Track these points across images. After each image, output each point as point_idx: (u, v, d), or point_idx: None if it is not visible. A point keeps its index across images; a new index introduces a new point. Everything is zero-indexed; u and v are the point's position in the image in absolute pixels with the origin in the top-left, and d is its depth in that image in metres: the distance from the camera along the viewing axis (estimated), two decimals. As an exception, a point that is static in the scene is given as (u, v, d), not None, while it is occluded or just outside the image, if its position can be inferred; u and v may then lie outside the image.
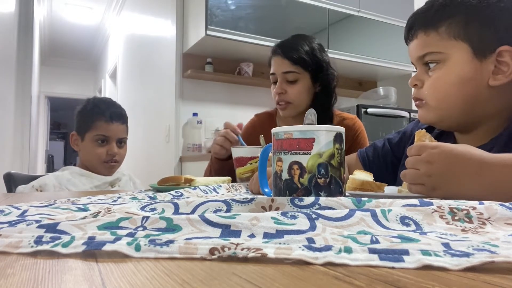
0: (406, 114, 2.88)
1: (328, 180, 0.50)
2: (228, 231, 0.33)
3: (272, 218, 0.35)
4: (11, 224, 0.38)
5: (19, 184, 1.26)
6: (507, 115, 0.73)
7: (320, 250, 0.27)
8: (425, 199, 0.42)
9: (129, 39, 4.69)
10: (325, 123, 1.27)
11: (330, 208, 0.42)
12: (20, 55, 3.64)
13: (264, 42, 2.56)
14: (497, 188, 0.50)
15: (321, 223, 0.35)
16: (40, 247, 0.30)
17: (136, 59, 4.28)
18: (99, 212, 0.43)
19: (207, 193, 0.72)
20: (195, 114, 2.74)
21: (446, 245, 0.28)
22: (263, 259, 0.27)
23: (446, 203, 0.40)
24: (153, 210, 0.45)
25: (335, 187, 0.51)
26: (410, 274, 0.24)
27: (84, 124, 1.34)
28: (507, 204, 0.38)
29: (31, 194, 1.02)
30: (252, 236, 0.32)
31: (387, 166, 0.97)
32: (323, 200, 0.43)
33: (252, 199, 0.46)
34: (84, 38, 6.50)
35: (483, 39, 0.70)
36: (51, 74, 7.41)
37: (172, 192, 0.67)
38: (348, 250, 0.27)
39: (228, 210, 0.44)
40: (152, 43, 3.52)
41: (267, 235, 0.32)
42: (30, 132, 4.00)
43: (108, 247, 0.29)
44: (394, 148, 0.97)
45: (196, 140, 2.74)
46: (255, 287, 0.22)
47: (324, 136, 0.50)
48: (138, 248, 0.29)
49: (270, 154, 0.61)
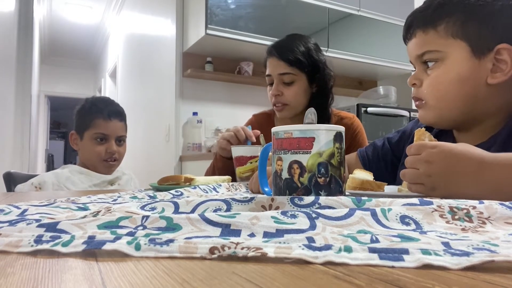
0: (406, 113, 2.87)
1: (328, 179, 0.50)
2: (228, 230, 0.33)
3: (272, 217, 0.35)
4: (11, 223, 0.38)
5: (19, 183, 1.26)
6: (506, 113, 0.73)
7: (320, 249, 0.27)
8: (425, 199, 0.42)
9: (129, 38, 4.68)
10: (322, 124, 1.27)
11: (330, 207, 0.42)
12: (20, 54, 3.64)
13: (264, 41, 2.55)
14: (496, 188, 0.50)
15: (321, 222, 0.35)
16: (40, 246, 0.30)
17: (136, 58, 4.27)
18: (99, 211, 0.43)
19: (207, 192, 0.72)
20: (195, 114, 2.74)
21: (446, 244, 0.28)
22: (263, 258, 0.27)
23: (446, 202, 0.40)
24: (153, 209, 0.45)
25: (335, 186, 0.51)
26: (410, 273, 0.24)
27: (83, 123, 1.35)
28: (507, 203, 0.38)
29: (31, 193, 1.02)
30: (252, 235, 0.32)
31: (387, 165, 0.97)
32: (323, 199, 0.43)
33: (252, 199, 0.46)
34: (84, 38, 6.50)
35: (481, 37, 0.70)
36: (51, 73, 7.41)
37: (172, 191, 0.67)
38: (348, 249, 0.27)
39: (228, 209, 0.44)
40: (152, 42, 3.52)
41: (267, 234, 0.32)
42: (30, 131, 4.00)
43: (108, 246, 0.29)
44: (394, 147, 0.97)
45: (196, 139, 2.74)
46: (255, 286, 0.22)
47: (324, 135, 0.50)
48: (138, 247, 0.29)
49: (270, 154, 0.61)
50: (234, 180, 1.03)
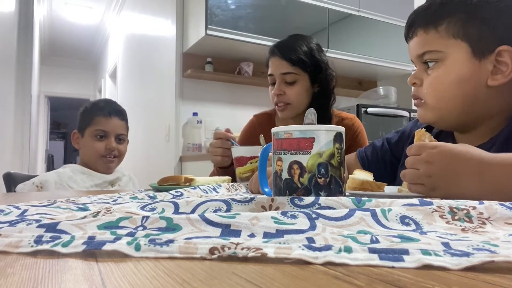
0: (406, 113, 2.87)
1: (328, 180, 0.50)
2: (228, 230, 0.33)
3: (272, 217, 0.35)
4: (11, 223, 0.38)
5: (19, 184, 1.26)
6: (506, 115, 0.73)
7: (320, 249, 0.27)
8: (425, 199, 0.42)
9: (129, 38, 4.69)
10: (324, 124, 1.27)
11: (330, 207, 0.42)
12: (20, 54, 3.64)
13: (264, 41, 2.56)
14: (496, 188, 0.50)
15: (321, 223, 0.35)
16: (40, 247, 0.30)
17: (136, 59, 4.27)
18: (99, 212, 0.43)
19: (207, 192, 0.72)
20: (195, 114, 2.74)
21: (446, 244, 0.28)
22: (263, 259, 0.27)
23: (446, 203, 0.40)
24: (153, 209, 0.45)
25: (335, 187, 0.51)
26: (410, 274, 0.24)
27: (84, 122, 1.38)
28: (507, 203, 0.38)
29: (31, 194, 1.02)
30: (252, 235, 0.32)
31: (386, 165, 0.97)
32: (323, 199, 0.43)
33: (252, 199, 0.46)
34: (84, 38, 6.50)
35: (482, 38, 0.70)
36: (51, 73, 7.40)
37: (172, 191, 0.67)
38: (348, 250, 0.27)
39: (228, 210, 0.44)
40: (152, 42, 3.52)
41: (267, 235, 0.32)
42: (30, 131, 3.99)
43: (108, 247, 0.29)
44: (393, 147, 0.97)
45: (196, 139, 2.74)
46: (255, 287, 0.22)
47: (324, 136, 0.50)
48: (138, 247, 0.29)
49: (270, 154, 0.61)
50: (234, 180, 1.03)
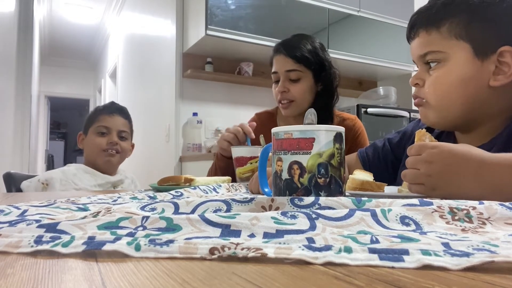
0: (406, 114, 2.87)
1: (328, 180, 0.50)
2: (228, 231, 0.33)
3: (272, 218, 0.35)
4: (11, 223, 0.38)
5: (19, 184, 1.26)
6: (507, 115, 0.72)
7: (320, 250, 0.27)
8: (425, 199, 0.42)
9: (129, 39, 4.69)
10: (326, 123, 1.27)
11: (330, 208, 0.42)
12: (20, 54, 3.64)
13: (264, 42, 2.56)
14: (496, 188, 0.50)
15: (321, 223, 0.35)
16: (40, 247, 0.30)
17: (136, 59, 4.27)
18: (99, 212, 0.43)
19: (207, 193, 0.72)
20: (195, 114, 2.74)
21: (446, 245, 0.28)
22: (263, 259, 0.27)
23: (446, 203, 0.40)
24: (153, 210, 0.45)
25: (335, 187, 0.51)
26: (410, 274, 0.24)
27: (88, 122, 1.43)
28: (507, 204, 0.38)
29: (31, 194, 1.02)
30: (252, 236, 0.32)
31: (387, 166, 0.97)
32: (323, 200, 0.43)
33: (252, 199, 0.46)
34: (84, 38, 6.50)
35: (484, 39, 0.70)
36: (51, 74, 7.40)
37: (172, 192, 0.67)
38: (348, 250, 0.27)
39: (228, 210, 0.44)
40: (152, 43, 3.52)
41: (267, 235, 0.32)
42: (30, 132, 3.99)
43: (108, 247, 0.29)
44: (394, 148, 0.97)
45: (196, 140, 2.74)
46: (255, 287, 0.22)
47: (324, 136, 0.50)
48: (138, 248, 0.29)
49: (270, 154, 0.61)
50: (234, 180, 1.03)
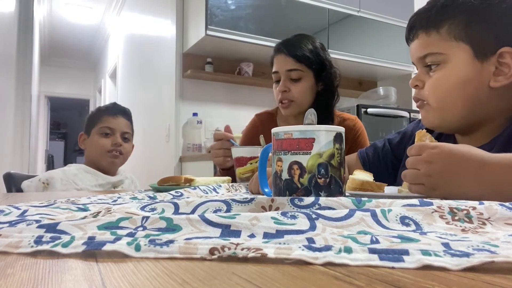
0: (406, 114, 2.87)
1: (328, 180, 0.50)
2: (228, 231, 0.33)
3: (272, 218, 0.35)
4: (11, 224, 0.38)
5: (19, 184, 1.26)
6: (507, 116, 0.72)
7: (320, 250, 0.27)
8: (425, 199, 0.42)
9: (129, 39, 4.69)
10: (327, 123, 1.27)
11: (330, 208, 0.42)
12: (20, 55, 3.64)
13: (264, 42, 2.56)
14: (496, 188, 0.50)
15: (321, 223, 0.35)
16: (40, 247, 0.30)
17: (136, 59, 4.27)
18: (99, 212, 0.43)
19: (207, 193, 0.72)
20: (195, 114, 2.74)
21: (446, 245, 0.28)
22: (263, 259, 0.27)
23: (446, 203, 0.40)
24: (153, 210, 0.45)
25: (335, 187, 0.51)
26: (410, 274, 0.24)
27: (91, 122, 1.42)
28: (507, 204, 0.38)
29: (31, 194, 1.02)
30: (252, 236, 0.32)
31: (387, 166, 0.97)
32: (323, 200, 0.43)
33: (252, 199, 0.46)
34: (84, 38, 6.50)
35: (484, 40, 0.69)
36: (51, 74, 7.40)
37: (172, 192, 0.67)
38: (348, 250, 0.27)
39: (228, 210, 0.44)
40: (152, 43, 3.52)
41: (267, 235, 0.32)
42: (30, 132, 3.99)
43: (108, 247, 0.29)
44: (395, 148, 0.97)
45: (196, 140, 2.74)
46: (255, 287, 0.22)
47: (324, 136, 0.50)
48: (138, 248, 0.29)
49: (270, 154, 0.61)
50: (234, 180, 1.03)
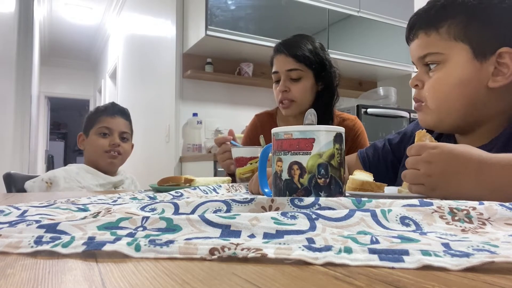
0: (406, 114, 2.88)
1: (328, 180, 0.50)
2: (228, 231, 0.33)
3: (272, 218, 0.35)
4: (11, 224, 0.38)
5: (19, 184, 1.26)
6: (506, 116, 0.72)
7: (320, 250, 0.27)
8: (425, 199, 0.42)
9: (129, 39, 4.69)
10: (326, 123, 1.27)
11: (330, 208, 0.42)
12: (20, 55, 3.64)
13: (264, 42, 2.56)
14: (496, 188, 0.50)
15: (321, 223, 0.35)
16: (40, 247, 0.30)
17: (136, 59, 4.27)
18: (99, 212, 0.43)
19: (207, 193, 0.72)
20: (195, 114, 2.74)
21: (446, 245, 0.28)
22: (263, 259, 0.27)
23: (446, 203, 0.40)
24: (153, 210, 0.45)
25: (335, 187, 0.51)
26: (410, 274, 0.24)
27: (89, 123, 1.42)
28: (507, 204, 0.38)
29: (31, 194, 1.02)
30: (252, 236, 0.32)
31: (387, 166, 0.97)
32: (323, 200, 0.43)
33: (252, 199, 0.46)
34: (84, 38, 6.50)
35: (483, 40, 0.70)
36: (51, 74, 7.40)
37: (172, 192, 0.67)
38: (348, 250, 0.27)
39: (228, 210, 0.44)
40: (152, 43, 3.52)
41: (267, 235, 0.32)
42: (30, 132, 3.99)
43: (108, 247, 0.29)
44: (394, 148, 0.97)
45: (196, 140, 2.74)
46: (255, 287, 0.22)
47: (324, 136, 0.50)
48: (138, 248, 0.29)
49: (270, 154, 0.61)
50: (234, 181, 1.03)
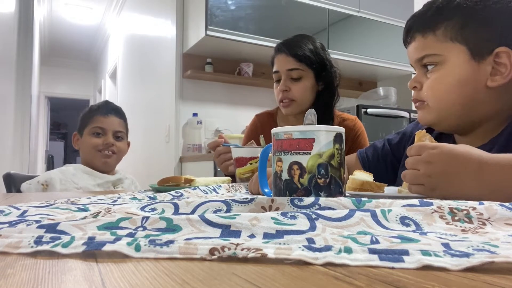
0: (406, 114, 2.88)
1: (328, 181, 0.50)
2: (228, 231, 0.33)
3: (272, 218, 0.35)
4: (11, 224, 0.38)
5: (19, 184, 1.26)
6: (505, 116, 0.73)
7: (320, 250, 0.27)
8: (425, 200, 0.42)
9: (129, 39, 4.69)
10: (327, 122, 1.27)
11: (330, 208, 0.42)
12: (20, 55, 3.64)
13: (264, 42, 2.56)
14: (496, 188, 0.50)
15: (321, 223, 0.35)
16: (40, 247, 0.30)
17: (136, 59, 4.27)
18: (99, 212, 0.43)
19: (207, 193, 0.72)
20: (195, 114, 2.74)
21: (446, 245, 0.28)
22: (263, 259, 0.27)
23: (446, 203, 0.40)
24: (153, 210, 0.45)
25: (335, 187, 0.51)
26: (410, 274, 0.24)
27: (83, 122, 1.41)
28: (507, 204, 0.38)
29: (31, 194, 1.02)
30: (252, 236, 0.32)
31: (387, 166, 0.97)
32: (323, 200, 0.43)
33: (252, 199, 0.46)
34: (84, 38, 6.50)
35: (480, 40, 0.70)
36: (51, 74, 7.40)
37: (172, 192, 0.67)
38: (348, 250, 0.27)
39: (228, 210, 0.44)
40: (152, 43, 3.52)
41: (267, 235, 0.32)
42: (30, 132, 3.99)
43: (108, 247, 0.29)
44: (394, 148, 0.97)
45: (196, 140, 2.74)
46: (255, 287, 0.22)
47: (324, 136, 0.50)
48: (138, 248, 0.29)
49: (270, 155, 0.61)
50: (234, 181, 1.03)
